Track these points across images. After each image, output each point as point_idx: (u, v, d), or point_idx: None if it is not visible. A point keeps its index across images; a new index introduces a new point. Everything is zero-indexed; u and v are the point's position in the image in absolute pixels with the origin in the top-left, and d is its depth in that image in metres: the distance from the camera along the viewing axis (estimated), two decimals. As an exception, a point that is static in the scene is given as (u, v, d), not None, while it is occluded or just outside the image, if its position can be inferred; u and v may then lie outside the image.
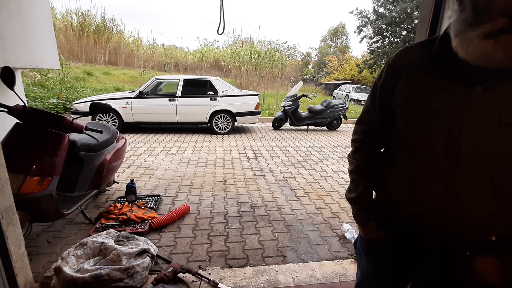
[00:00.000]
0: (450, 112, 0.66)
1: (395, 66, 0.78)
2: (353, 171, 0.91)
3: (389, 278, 0.89)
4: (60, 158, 1.87)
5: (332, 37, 33.61)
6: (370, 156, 0.89)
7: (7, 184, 1.36)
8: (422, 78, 0.72)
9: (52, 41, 3.38)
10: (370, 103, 0.87)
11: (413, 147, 0.74)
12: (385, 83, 0.80)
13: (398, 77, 0.76)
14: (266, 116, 8.87)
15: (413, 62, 0.75)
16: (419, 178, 0.73)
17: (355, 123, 0.92)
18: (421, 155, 0.72)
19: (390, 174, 0.83)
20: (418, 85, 0.72)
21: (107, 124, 2.84)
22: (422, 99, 0.71)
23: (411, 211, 0.76)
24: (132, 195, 2.70)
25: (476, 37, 0.56)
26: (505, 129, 0.61)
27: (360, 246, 0.98)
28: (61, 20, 14.14)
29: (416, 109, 0.72)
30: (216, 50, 19.25)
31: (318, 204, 2.97)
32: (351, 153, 0.93)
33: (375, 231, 0.88)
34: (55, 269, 1.56)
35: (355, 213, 0.92)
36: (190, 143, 5.51)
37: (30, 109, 1.84)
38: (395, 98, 0.77)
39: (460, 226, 0.70)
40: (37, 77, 8.96)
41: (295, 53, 26.43)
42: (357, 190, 0.89)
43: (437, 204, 0.70)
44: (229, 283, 1.69)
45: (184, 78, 6.35)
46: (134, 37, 17.58)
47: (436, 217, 0.71)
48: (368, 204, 0.89)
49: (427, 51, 0.72)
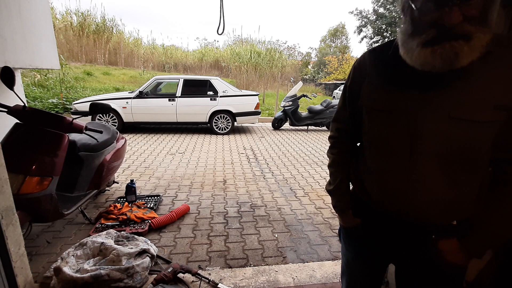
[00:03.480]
0: (406, 111, 0.73)
1: (360, 69, 0.86)
2: (330, 165, 1.00)
3: (367, 262, 0.96)
4: (60, 158, 1.87)
5: (332, 37, 33.59)
6: (345, 151, 0.97)
7: (7, 184, 1.36)
8: (381, 80, 0.79)
9: (52, 41, 3.38)
10: (342, 103, 0.94)
11: (378, 143, 0.81)
12: (352, 85, 0.88)
13: (363, 78, 0.84)
14: (266, 116, 8.87)
15: (374, 65, 0.82)
16: (384, 170, 0.81)
17: (331, 121, 1.00)
18: (385, 150, 0.80)
19: (362, 167, 0.90)
20: (378, 87, 0.79)
21: (107, 124, 2.84)
22: (382, 99, 0.78)
23: (380, 201, 0.84)
24: (132, 195, 2.70)
25: (416, 46, 0.64)
26: (454, 123, 0.68)
27: (341, 234, 1.05)
28: (61, 20, 14.13)
29: (378, 108, 0.79)
30: (216, 50, 19.24)
31: (318, 204, 2.97)
32: (329, 148, 1.01)
33: (352, 219, 0.95)
34: (55, 269, 1.56)
35: (334, 203, 1.00)
36: (190, 143, 5.51)
37: (30, 109, 1.84)
38: (361, 99, 0.84)
39: (422, 213, 0.77)
40: (37, 77, 8.94)
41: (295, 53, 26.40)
42: (334, 182, 0.97)
43: (401, 193, 0.77)
44: (229, 283, 1.69)
45: (184, 78, 6.34)
46: (134, 37, 17.56)
47: (401, 205, 0.79)
48: (345, 195, 0.97)
49: (385, 55, 0.79)
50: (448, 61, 0.62)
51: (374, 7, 18.88)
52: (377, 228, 0.89)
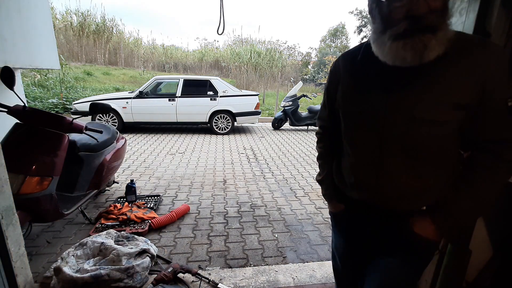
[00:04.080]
0: (373, 112, 0.79)
1: (334, 72, 0.92)
2: (318, 158, 1.11)
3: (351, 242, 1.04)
4: (60, 158, 1.87)
5: (332, 37, 33.57)
6: (328, 145, 1.07)
7: (7, 184, 1.36)
8: (351, 83, 0.85)
9: (52, 41, 3.38)
10: (323, 103, 1.04)
11: (352, 141, 0.89)
12: (329, 86, 0.96)
13: (337, 82, 0.91)
14: (266, 116, 8.87)
15: (345, 69, 0.88)
16: (358, 165, 0.89)
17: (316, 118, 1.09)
18: (358, 147, 0.87)
19: (343, 162, 0.98)
20: (349, 90, 0.86)
21: (107, 124, 2.84)
22: (353, 101, 0.84)
23: (355, 192, 0.92)
24: (132, 195, 2.70)
25: (388, 40, 0.68)
26: (417, 123, 0.73)
27: (331, 221, 1.15)
28: (61, 20, 14.13)
29: (350, 109, 0.86)
30: (216, 50, 19.23)
31: (318, 204, 2.97)
32: (316, 143, 1.13)
33: (337, 205, 1.04)
34: (55, 269, 1.56)
35: (323, 192, 1.09)
36: (190, 143, 5.51)
37: (30, 109, 1.84)
38: (336, 101, 0.92)
39: (392, 202, 0.85)
40: (37, 77, 8.95)
41: (295, 53, 26.37)
42: (323, 173, 1.08)
43: (372, 186, 0.85)
44: (229, 283, 1.69)
45: (184, 78, 6.34)
46: (134, 37, 17.56)
47: (373, 196, 0.87)
48: (332, 184, 1.06)
49: (355, 58, 0.85)
50: (418, 53, 0.66)
51: (374, 7, 18.89)
52: (356, 213, 0.98)
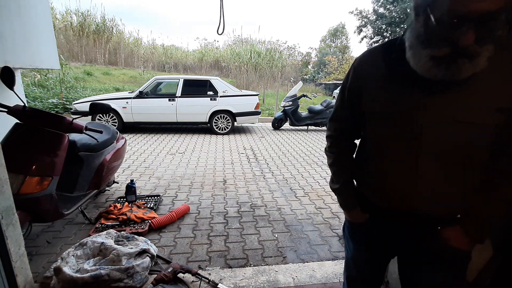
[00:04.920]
0: (411, 114, 0.74)
1: (359, 69, 0.85)
2: (332, 164, 1.00)
3: (372, 254, 0.98)
4: (60, 158, 1.87)
5: (332, 37, 33.60)
6: (345, 149, 0.98)
7: (7, 184, 1.36)
8: (384, 82, 0.78)
9: (52, 41, 3.38)
10: (340, 103, 0.93)
11: (382, 146, 0.83)
12: (351, 86, 0.87)
13: (363, 80, 0.83)
14: (266, 116, 8.87)
15: (374, 66, 0.81)
16: (387, 171, 0.83)
17: (328, 120, 1.00)
18: (387, 152, 0.81)
19: (365, 167, 0.91)
20: (380, 89, 0.79)
21: (107, 124, 2.84)
22: (385, 102, 0.78)
23: (384, 198, 0.86)
24: (132, 195, 2.70)
25: (425, 57, 0.65)
26: (458, 126, 0.70)
27: (347, 231, 1.06)
28: (61, 20, 14.14)
29: (380, 112, 0.79)
30: (216, 50, 19.25)
31: (318, 204, 2.97)
32: (328, 147, 1.01)
33: (361, 215, 0.96)
34: (55, 269, 1.56)
35: (341, 201, 1.01)
36: (190, 143, 5.51)
37: (30, 109, 1.83)
38: (362, 101, 0.83)
39: (425, 208, 0.80)
40: (37, 77, 8.95)
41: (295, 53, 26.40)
42: (339, 181, 0.99)
43: (404, 192, 0.80)
44: (229, 283, 1.69)
45: (184, 78, 6.34)
46: (134, 37, 17.60)
47: (404, 203, 0.81)
48: (352, 192, 0.98)
49: (387, 56, 0.79)
50: (450, 75, 0.64)
51: (374, 7, 18.88)
52: (382, 222, 0.91)
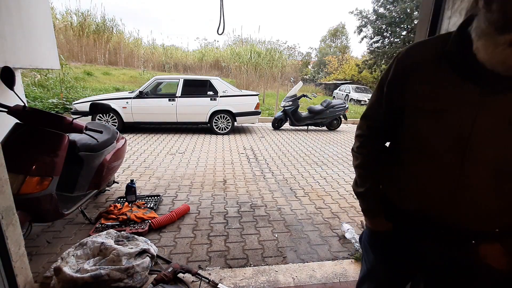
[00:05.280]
0: (461, 111, 0.66)
1: (405, 63, 0.76)
2: (359, 165, 0.91)
3: (394, 267, 0.89)
4: (60, 158, 1.87)
5: (332, 37, 33.62)
6: (375, 150, 0.90)
7: (7, 184, 1.36)
8: (434, 76, 0.71)
9: (52, 41, 3.38)
10: (376, 99, 0.85)
11: (422, 146, 0.75)
12: (393, 79, 0.78)
13: (408, 74, 0.74)
14: (266, 116, 8.87)
15: (424, 59, 0.73)
16: (427, 175, 0.74)
17: (360, 118, 0.92)
18: (430, 153, 0.73)
19: (397, 170, 0.83)
20: (429, 84, 0.71)
21: (107, 124, 2.84)
22: (433, 97, 0.70)
23: (418, 206, 0.78)
24: (132, 195, 2.70)
25: (503, 44, 0.56)
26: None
27: (366, 240, 0.98)
28: (61, 20, 14.14)
29: (426, 107, 0.71)
30: (216, 50, 19.25)
31: (318, 204, 2.97)
32: (356, 147, 0.92)
33: (385, 223, 0.88)
34: (55, 269, 1.56)
35: (364, 207, 0.92)
36: (190, 143, 5.51)
37: (30, 109, 1.84)
38: (405, 96, 0.75)
39: (465, 220, 0.72)
40: (37, 77, 8.94)
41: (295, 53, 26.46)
42: (364, 185, 0.90)
43: (445, 200, 0.72)
44: (229, 283, 1.69)
45: (184, 78, 6.34)
46: (134, 37, 17.61)
47: (443, 211, 0.73)
48: (377, 198, 0.90)
49: (440, 49, 0.70)
50: None
51: (374, 7, 18.85)
52: (409, 233, 0.84)
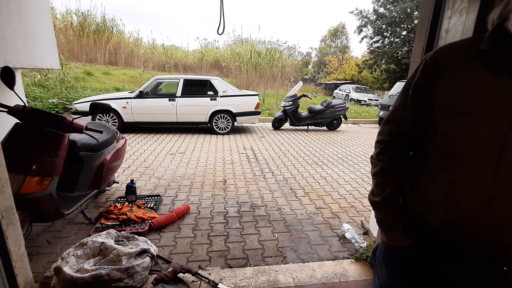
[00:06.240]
0: (497, 113, 0.62)
1: (435, 64, 0.72)
2: (377, 173, 0.85)
3: None
4: (60, 158, 1.87)
5: (332, 37, 33.65)
6: (398, 158, 0.84)
7: (7, 184, 1.36)
8: (467, 77, 0.66)
9: (52, 41, 3.38)
10: (401, 102, 0.80)
11: (453, 151, 0.69)
12: (421, 82, 0.74)
13: (438, 75, 0.70)
14: (266, 116, 8.87)
15: (456, 60, 0.69)
16: (458, 184, 0.68)
17: (382, 123, 0.86)
18: (462, 160, 0.67)
19: (423, 179, 0.78)
20: (462, 85, 0.67)
21: (107, 124, 2.84)
22: (467, 99, 0.66)
23: (446, 219, 0.72)
24: (132, 195, 2.70)
25: None
26: None
27: (381, 255, 0.91)
28: (61, 20, 14.15)
29: (459, 110, 0.66)
30: (216, 50, 19.27)
31: (318, 204, 2.97)
32: (375, 154, 0.87)
33: (402, 238, 0.82)
34: (55, 269, 1.56)
35: (380, 218, 0.86)
36: (190, 143, 5.51)
37: (30, 109, 1.84)
38: (433, 99, 0.71)
39: (499, 239, 0.66)
40: (37, 77, 8.95)
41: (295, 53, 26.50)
42: (382, 194, 0.84)
43: (477, 212, 0.66)
44: (229, 283, 1.69)
45: (184, 78, 6.35)
46: (134, 37, 17.63)
47: (473, 227, 0.67)
48: (395, 209, 0.83)
49: (473, 49, 0.67)
50: None
51: (374, 7, 18.89)
52: (431, 252, 0.77)
